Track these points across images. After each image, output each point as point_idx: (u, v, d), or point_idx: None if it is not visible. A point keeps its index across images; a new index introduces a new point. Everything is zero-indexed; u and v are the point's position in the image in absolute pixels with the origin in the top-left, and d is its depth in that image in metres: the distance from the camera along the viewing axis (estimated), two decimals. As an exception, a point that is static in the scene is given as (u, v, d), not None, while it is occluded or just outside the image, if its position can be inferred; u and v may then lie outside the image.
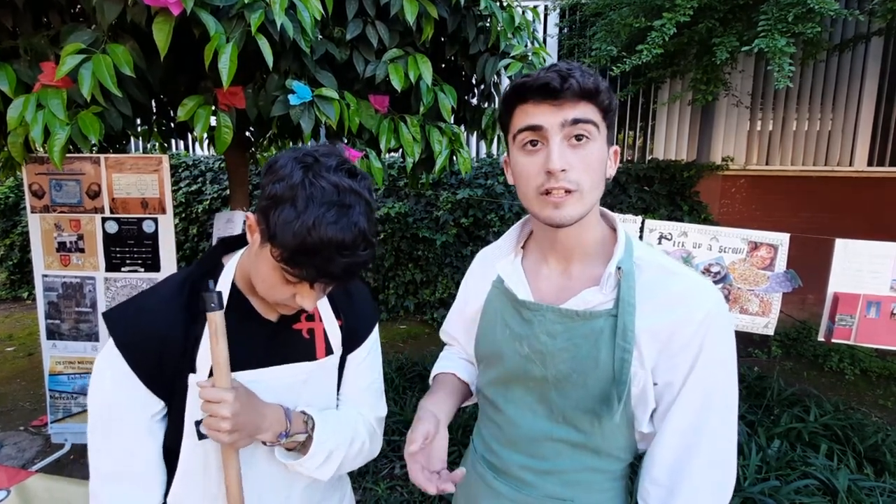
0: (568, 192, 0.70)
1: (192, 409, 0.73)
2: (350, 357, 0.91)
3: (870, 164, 4.51)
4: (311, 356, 0.83)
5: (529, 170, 0.72)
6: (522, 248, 0.88)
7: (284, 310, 0.76)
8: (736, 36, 3.00)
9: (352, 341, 0.90)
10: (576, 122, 0.69)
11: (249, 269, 0.75)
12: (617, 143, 0.78)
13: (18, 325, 4.60)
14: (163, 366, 0.73)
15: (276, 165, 0.66)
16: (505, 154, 0.82)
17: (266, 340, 0.79)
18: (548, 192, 0.70)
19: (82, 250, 2.05)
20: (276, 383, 0.79)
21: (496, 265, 0.87)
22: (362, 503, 2.14)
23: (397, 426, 2.63)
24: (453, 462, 2.29)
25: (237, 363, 0.74)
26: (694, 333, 0.71)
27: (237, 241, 0.84)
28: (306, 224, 0.62)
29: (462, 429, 2.50)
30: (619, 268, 0.74)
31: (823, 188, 4.51)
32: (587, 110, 0.69)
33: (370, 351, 0.94)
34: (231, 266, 0.79)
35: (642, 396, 0.74)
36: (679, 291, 0.73)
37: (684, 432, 0.73)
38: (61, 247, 2.05)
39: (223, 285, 0.77)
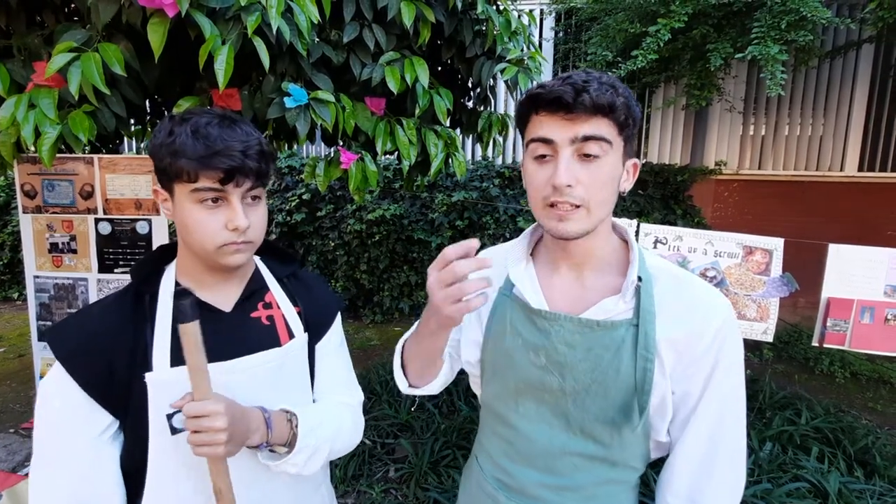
0: (574, 206, 0.69)
1: (157, 407, 0.72)
2: (319, 347, 0.92)
3: (860, 169, 4.57)
4: (276, 342, 0.83)
5: (538, 180, 0.71)
6: (531, 254, 0.86)
7: (231, 253, 0.74)
8: (730, 42, 3.02)
9: (317, 329, 0.91)
10: (587, 138, 0.67)
11: (182, 238, 0.75)
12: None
13: (9, 326, 4.54)
14: (113, 374, 0.71)
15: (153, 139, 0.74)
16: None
17: (227, 331, 0.79)
18: (553, 205, 0.70)
19: (75, 251, 2.03)
20: (250, 374, 0.79)
21: (510, 270, 0.83)
22: (356, 506, 2.13)
23: (391, 429, 2.63)
24: (449, 465, 2.29)
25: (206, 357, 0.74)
26: (711, 342, 0.71)
27: (175, 249, 0.83)
28: (191, 126, 0.70)
29: (457, 431, 2.49)
30: (638, 277, 0.74)
31: (815, 193, 4.56)
32: (601, 126, 0.67)
33: (339, 339, 0.96)
34: (171, 267, 0.81)
35: (661, 406, 0.74)
36: (693, 300, 0.74)
37: (704, 442, 0.73)
38: (53, 248, 2.03)
39: (166, 284, 0.78)
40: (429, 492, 2.13)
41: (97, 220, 2.02)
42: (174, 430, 0.72)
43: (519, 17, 2.05)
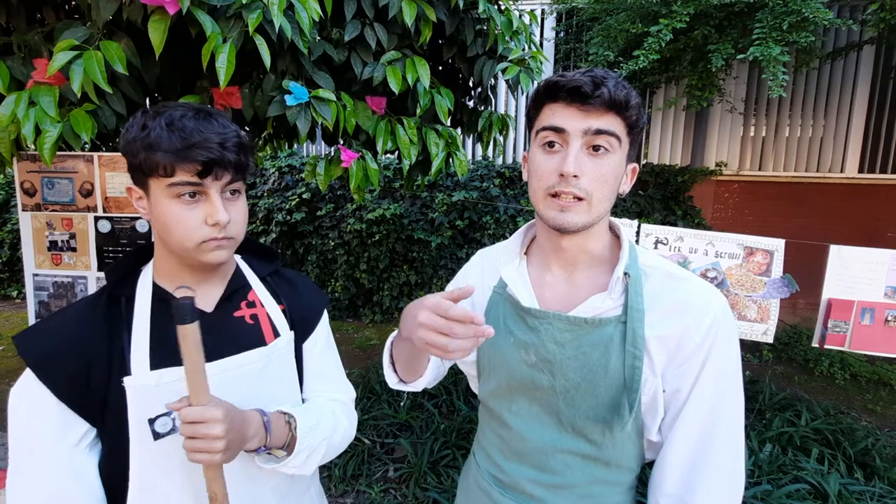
0: (577, 198, 0.69)
1: (137, 412, 0.70)
2: (308, 347, 0.90)
3: (860, 171, 4.57)
4: (261, 342, 0.81)
5: (543, 169, 0.71)
6: (525, 253, 0.87)
7: (212, 249, 0.72)
8: (731, 43, 3.02)
9: (304, 327, 0.90)
10: (599, 132, 0.68)
11: (160, 237, 0.73)
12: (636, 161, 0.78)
13: (7, 325, 4.54)
14: (90, 379, 0.69)
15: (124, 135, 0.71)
16: (525, 151, 0.81)
17: (210, 332, 0.76)
18: (556, 195, 0.70)
19: (74, 249, 2.03)
20: (235, 374, 0.77)
21: (501, 270, 0.84)
22: (355, 506, 2.13)
23: (391, 428, 2.62)
24: (448, 465, 2.29)
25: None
26: (703, 339, 0.71)
27: (152, 249, 0.81)
28: (165, 119, 0.67)
29: (457, 431, 2.49)
30: (626, 273, 0.74)
31: (815, 194, 4.56)
32: (613, 122, 0.69)
33: (327, 336, 0.95)
34: (147, 268, 0.78)
35: (652, 404, 0.73)
36: (686, 297, 0.73)
37: (695, 440, 0.72)
38: (53, 245, 2.03)
39: (142, 286, 0.75)
40: (428, 491, 2.13)
41: (97, 219, 2.02)
42: (157, 436, 0.70)
43: (520, 16, 2.05)
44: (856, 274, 1.90)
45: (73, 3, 1.62)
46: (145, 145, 0.67)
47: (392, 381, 0.88)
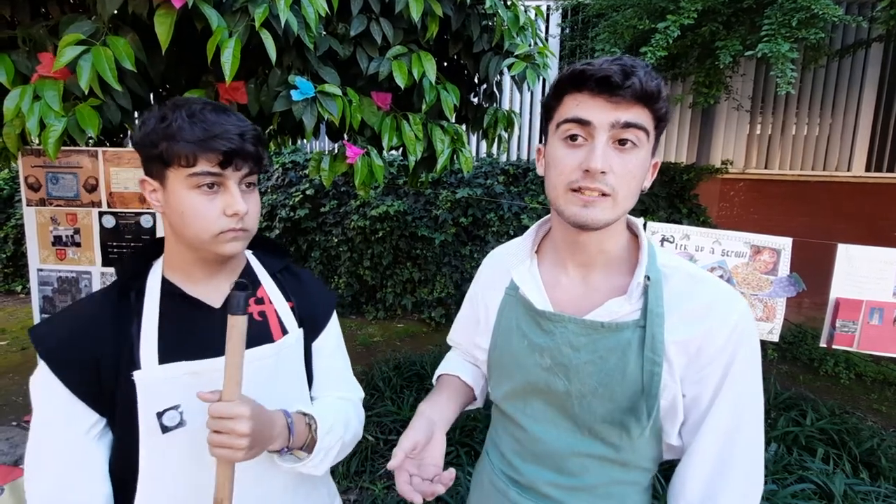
0: (602, 194, 0.66)
1: (147, 406, 0.71)
2: (317, 346, 0.90)
3: (867, 169, 4.54)
4: (268, 338, 0.81)
5: (565, 163, 0.67)
6: (536, 252, 0.84)
7: (229, 240, 0.73)
8: (739, 40, 3.00)
9: (313, 326, 0.90)
10: (627, 125, 0.64)
11: (175, 229, 0.74)
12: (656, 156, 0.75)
13: (12, 319, 4.55)
14: (100, 372, 0.70)
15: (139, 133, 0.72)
16: (540, 144, 0.77)
17: (218, 328, 0.76)
18: (579, 190, 0.66)
19: (78, 244, 2.03)
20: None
21: (512, 271, 0.81)
22: (359, 503, 2.13)
23: (394, 425, 2.62)
24: (452, 463, 2.28)
25: (195, 353, 0.73)
26: (724, 344, 0.68)
27: (161, 246, 0.81)
28: (186, 111, 0.69)
29: (460, 429, 2.49)
30: (646, 277, 0.71)
31: (821, 193, 4.53)
32: (641, 114, 0.65)
33: (337, 336, 0.95)
34: (158, 262, 0.79)
35: (671, 409, 0.71)
36: (708, 300, 0.70)
37: (718, 448, 0.70)
38: (57, 241, 2.03)
39: (152, 280, 0.76)
40: (431, 489, 2.13)
41: (101, 214, 2.01)
42: (164, 429, 0.71)
43: (525, 11, 2.03)
44: (864, 273, 1.88)
45: (78, -3, 1.61)
46: (166, 135, 0.68)
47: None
